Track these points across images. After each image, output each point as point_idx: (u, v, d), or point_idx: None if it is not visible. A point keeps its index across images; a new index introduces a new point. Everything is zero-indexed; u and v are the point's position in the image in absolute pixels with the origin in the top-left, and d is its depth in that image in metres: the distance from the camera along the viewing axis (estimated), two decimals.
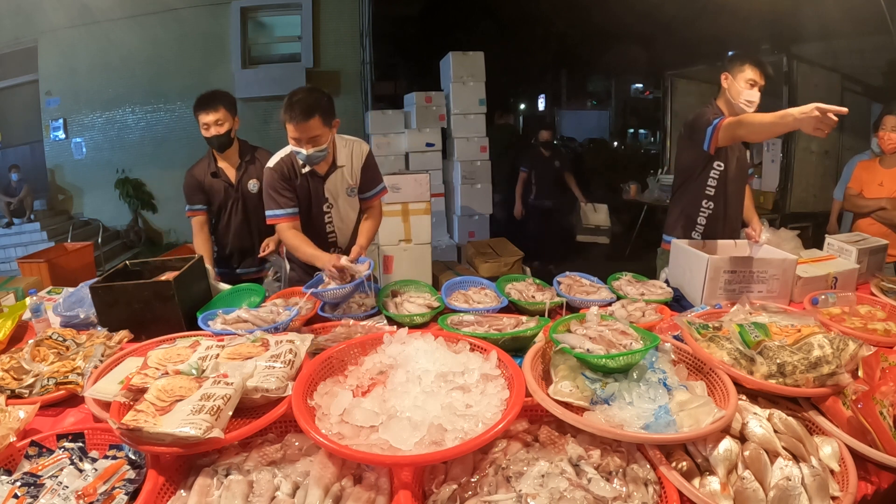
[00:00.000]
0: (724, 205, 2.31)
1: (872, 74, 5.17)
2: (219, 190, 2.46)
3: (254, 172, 2.49)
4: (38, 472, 1.00)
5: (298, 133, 1.88)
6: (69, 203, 7.23)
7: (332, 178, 2.13)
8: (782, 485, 0.97)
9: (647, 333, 1.31)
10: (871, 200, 2.87)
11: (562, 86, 13.67)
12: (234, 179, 2.47)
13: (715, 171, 2.26)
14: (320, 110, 1.88)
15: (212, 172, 2.45)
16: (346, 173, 2.15)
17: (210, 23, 6.50)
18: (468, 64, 5.23)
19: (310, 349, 1.35)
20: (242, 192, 2.49)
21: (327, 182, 2.12)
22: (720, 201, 2.30)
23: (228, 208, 2.50)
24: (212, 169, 2.45)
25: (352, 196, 2.21)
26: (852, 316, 1.69)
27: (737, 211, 2.38)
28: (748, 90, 2.15)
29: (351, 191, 2.19)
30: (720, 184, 2.28)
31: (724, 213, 2.32)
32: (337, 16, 6.57)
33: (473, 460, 1.04)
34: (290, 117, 1.86)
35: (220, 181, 2.46)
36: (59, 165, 7.08)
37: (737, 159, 2.29)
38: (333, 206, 2.18)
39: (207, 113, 2.31)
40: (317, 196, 2.13)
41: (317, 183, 2.11)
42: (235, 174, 2.48)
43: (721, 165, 2.25)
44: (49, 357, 1.47)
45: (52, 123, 6.87)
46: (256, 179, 2.47)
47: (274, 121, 6.76)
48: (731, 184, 2.30)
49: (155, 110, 6.80)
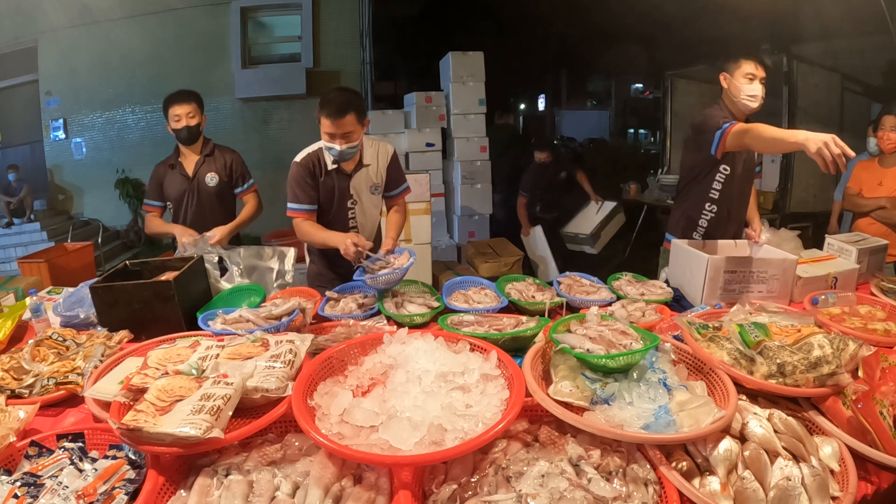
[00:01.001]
0: (728, 208, 2.29)
1: (872, 74, 5.18)
2: (175, 182, 2.53)
3: (212, 166, 2.56)
4: (38, 472, 1.00)
5: (333, 129, 1.95)
6: (69, 203, 7.23)
7: (358, 175, 2.18)
8: (782, 485, 0.97)
9: (647, 333, 1.31)
10: (870, 200, 2.87)
11: (562, 86, 13.64)
12: (191, 172, 2.54)
13: (721, 175, 2.24)
14: (355, 108, 1.96)
15: (170, 165, 2.54)
16: (371, 172, 2.21)
17: (210, 23, 6.51)
18: (468, 64, 5.23)
19: (310, 349, 1.35)
20: (198, 185, 2.55)
21: (353, 179, 2.18)
22: (724, 204, 2.28)
23: (184, 201, 2.55)
24: (170, 162, 2.54)
25: (375, 194, 2.27)
26: (852, 316, 1.69)
27: (740, 214, 2.36)
28: (748, 84, 2.12)
29: (375, 189, 2.25)
30: (725, 187, 2.25)
31: (728, 216, 2.31)
32: (337, 16, 6.58)
33: (473, 460, 1.04)
34: (326, 113, 1.93)
35: (176, 173, 2.54)
36: (59, 165, 7.08)
37: (743, 161, 2.26)
38: (357, 203, 2.23)
39: (181, 105, 2.42)
40: (342, 193, 2.17)
41: (343, 180, 2.16)
42: (193, 167, 2.55)
43: (727, 169, 2.23)
44: (49, 357, 1.47)
45: (52, 123, 6.87)
46: (215, 173, 2.55)
47: (274, 121, 6.77)
48: (737, 187, 2.27)
49: (155, 110, 6.79)
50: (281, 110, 6.74)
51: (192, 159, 2.55)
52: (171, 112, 2.44)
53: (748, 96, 2.13)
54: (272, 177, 6.02)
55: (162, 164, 2.56)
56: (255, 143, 6.35)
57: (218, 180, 2.57)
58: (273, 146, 6.64)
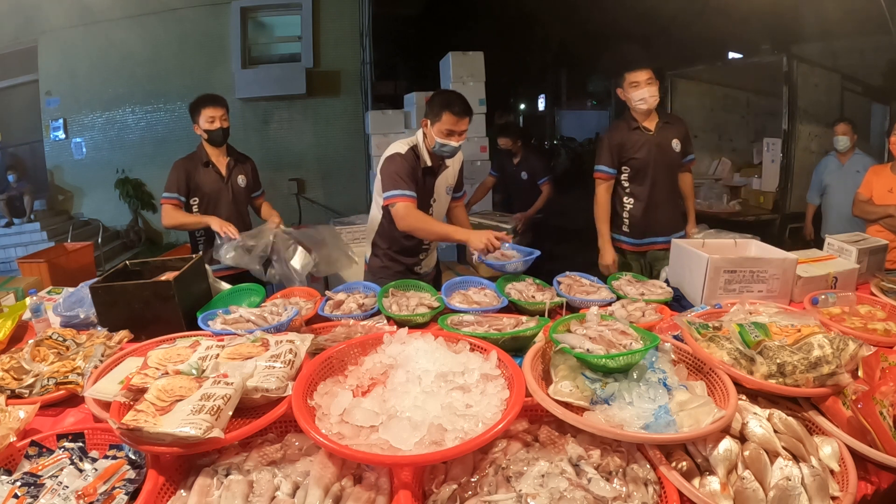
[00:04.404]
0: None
1: (872, 74, 5.17)
2: (211, 181, 2.59)
3: (241, 169, 2.69)
4: (38, 472, 1.00)
5: (456, 126, 2.09)
6: (69, 203, 7.23)
7: (442, 176, 2.30)
8: (782, 485, 0.97)
9: (647, 333, 1.31)
10: (878, 207, 2.80)
11: (562, 86, 13.65)
12: (224, 173, 2.62)
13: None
14: (471, 112, 2.13)
15: (204, 163, 2.58)
16: (449, 174, 2.34)
17: (210, 23, 6.50)
18: (468, 64, 5.22)
19: (310, 349, 1.35)
20: (232, 186, 2.63)
21: (438, 179, 2.29)
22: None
23: (219, 200, 2.60)
24: (204, 160, 2.58)
25: (448, 195, 2.39)
26: (852, 316, 1.69)
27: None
28: (635, 91, 2.59)
29: (449, 190, 2.38)
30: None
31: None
32: (337, 16, 6.57)
33: (473, 460, 1.04)
34: (453, 111, 2.07)
35: (211, 171, 2.60)
36: (59, 165, 7.07)
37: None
38: (436, 201, 2.33)
39: (215, 108, 2.50)
40: (426, 191, 2.27)
41: (429, 179, 2.26)
42: (226, 169, 2.63)
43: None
44: (49, 357, 1.47)
45: (52, 123, 6.87)
46: (244, 176, 2.68)
47: (274, 121, 6.76)
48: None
49: (155, 110, 6.80)
50: (281, 110, 6.74)
51: (222, 161, 2.63)
52: (204, 113, 2.49)
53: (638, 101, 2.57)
54: (272, 177, 6.01)
55: (189, 161, 2.57)
56: (256, 143, 6.34)
57: (246, 183, 2.69)
58: (273, 146, 6.64)
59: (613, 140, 2.71)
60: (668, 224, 2.75)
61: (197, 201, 2.58)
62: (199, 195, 2.57)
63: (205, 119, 2.49)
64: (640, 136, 2.67)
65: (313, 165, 6.88)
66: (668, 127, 2.72)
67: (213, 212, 2.56)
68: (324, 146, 6.85)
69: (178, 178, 2.52)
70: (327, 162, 6.88)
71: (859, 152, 3.92)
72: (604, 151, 2.73)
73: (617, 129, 2.73)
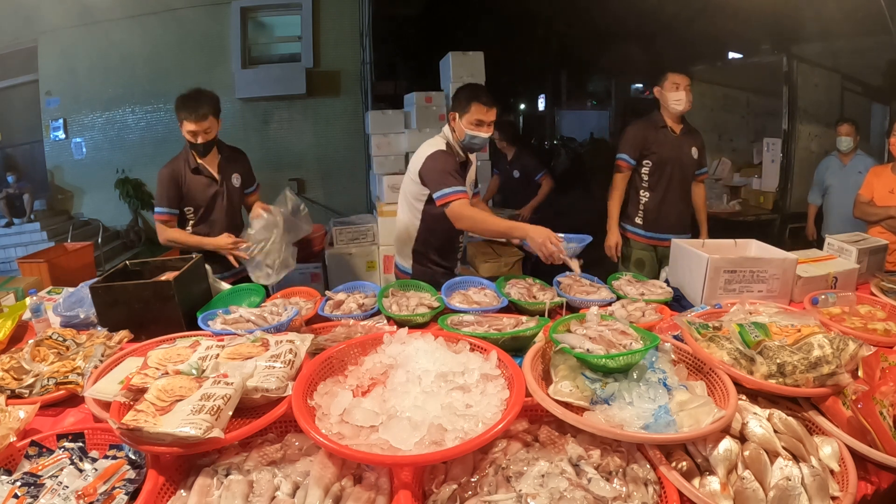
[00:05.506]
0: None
1: (872, 74, 5.17)
2: (202, 186, 2.41)
3: (233, 167, 2.51)
4: (38, 472, 1.00)
5: (486, 116, 2.10)
6: (69, 203, 7.22)
7: (470, 171, 2.32)
8: (782, 485, 0.97)
9: (647, 333, 1.31)
10: (879, 209, 2.78)
11: (562, 86, 13.64)
12: (217, 174, 2.44)
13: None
14: (497, 102, 2.14)
15: (193, 169, 2.38)
16: (471, 170, 2.36)
17: (210, 23, 6.50)
18: (468, 64, 5.22)
19: (310, 349, 1.35)
20: (227, 187, 2.47)
21: (468, 174, 2.29)
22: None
23: (215, 204, 2.45)
24: (192, 165, 2.38)
25: (471, 190, 2.37)
26: (852, 316, 1.69)
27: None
28: (674, 92, 2.69)
29: (471, 186, 2.38)
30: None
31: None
32: (337, 16, 6.57)
33: (473, 460, 1.04)
34: (482, 101, 2.08)
35: (202, 177, 2.40)
36: (58, 165, 7.07)
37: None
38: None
39: (198, 122, 2.24)
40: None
41: (463, 174, 2.23)
42: (217, 169, 2.45)
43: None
44: (49, 357, 1.47)
45: (52, 123, 6.86)
46: (237, 174, 2.53)
47: (274, 121, 6.76)
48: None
49: (155, 110, 6.79)
50: (281, 110, 6.74)
51: (213, 161, 2.44)
52: (185, 125, 2.26)
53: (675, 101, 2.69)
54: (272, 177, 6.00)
55: (175, 167, 2.37)
56: (256, 142, 6.34)
57: (241, 181, 2.54)
58: (274, 146, 6.64)
59: (639, 133, 2.81)
60: (679, 224, 2.85)
61: (191, 210, 2.43)
62: (192, 204, 2.41)
63: (186, 131, 2.27)
64: (666, 136, 2.78)
65: (313, 165, 6.87)
66: (690, 134, 2.84)
67: (208, 219, 2.45)
68: (324, 146, 6.84)
69: (167, 190, 2.34)
70: (327, 162, 6.88)
71: (861, 153, 3.93)
72: (628, 142, 2.82)
73: (644, 124, 2.83)
